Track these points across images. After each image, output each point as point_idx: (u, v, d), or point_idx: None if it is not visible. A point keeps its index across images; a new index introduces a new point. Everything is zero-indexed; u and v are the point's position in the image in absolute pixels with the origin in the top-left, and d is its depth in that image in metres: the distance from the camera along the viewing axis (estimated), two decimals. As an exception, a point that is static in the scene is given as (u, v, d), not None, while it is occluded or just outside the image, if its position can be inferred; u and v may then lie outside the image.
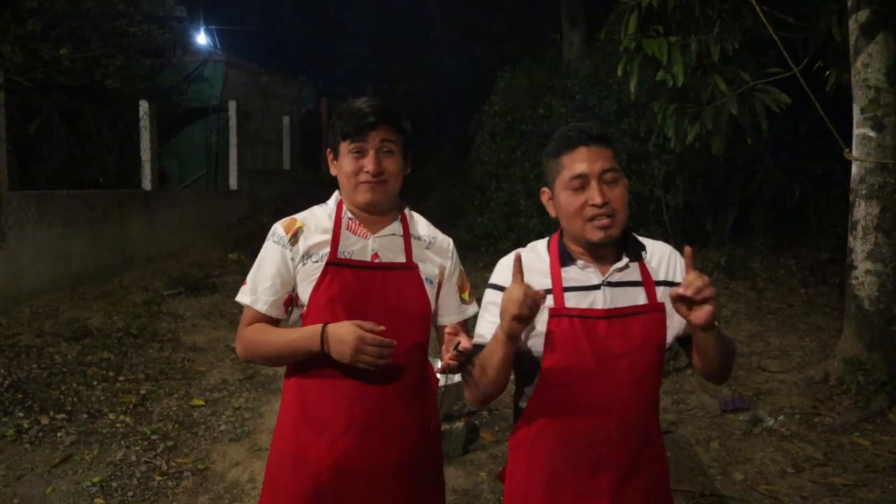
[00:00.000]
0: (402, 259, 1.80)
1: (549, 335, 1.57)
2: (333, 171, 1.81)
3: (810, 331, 5.60)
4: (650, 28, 5.06)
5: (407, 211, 1.89)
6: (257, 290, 1.76)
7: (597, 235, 1.56)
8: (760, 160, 7.25)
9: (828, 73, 4.97)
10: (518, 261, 1.49)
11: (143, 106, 9.24)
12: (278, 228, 1.78)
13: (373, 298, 1.73)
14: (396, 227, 1.83)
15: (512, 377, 1.65)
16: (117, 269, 8.36)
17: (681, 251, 1.60)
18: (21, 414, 4.35)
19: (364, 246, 1.77)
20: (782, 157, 7.25)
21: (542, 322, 1.56)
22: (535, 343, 1.59)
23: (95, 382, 4.98)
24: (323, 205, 1.84)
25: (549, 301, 1.58)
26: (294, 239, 1.75)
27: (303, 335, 1.70)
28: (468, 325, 1.91)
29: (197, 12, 13.38)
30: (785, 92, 4.95)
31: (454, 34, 16.21)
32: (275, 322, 1.79)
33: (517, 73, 9.90)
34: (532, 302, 1.42)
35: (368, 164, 1.71)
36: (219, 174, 12.28)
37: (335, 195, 1.84)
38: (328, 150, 1.82)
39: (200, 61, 12.74)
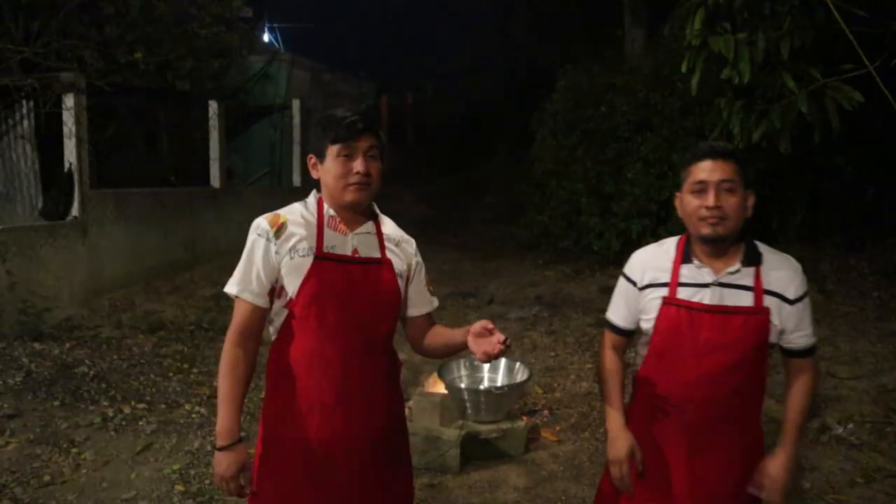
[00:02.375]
0: (377, 255, 1.95)
1: (658, 320, 1.94)
2: (315, 175, 1.94)
3: (883, 336, 5.43)
4: (716, 25, 4.97)
5: (377, 212, 2.04)
6: (243, 281, 1.89)
7: (705, 230, 1.86)
8: (831, 158, 7.03)
9: (906, 70, 4.79)
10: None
11: (213, 106, 9.54)
12: (263, 223, 1.89)
13: (356, 290, 1.88)
14: (370, 226, 1.98)
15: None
16: (187, 263, 8.71)
17: None
18: (106, 403, 4.62)
19: (345, 241, 1.91)
20: (855, 156, 7.02)
21: (655, 308, 1.94)
22: (648, 326, 1.98)
23: (171, 374, 5.23)
24: (303, 202, 1.97)
25: (664, 291, 1.93)
26: (278, 233, 1.87)
27: (222, 416, 1.86)
28: (433, 316, 2.11)
29: (262, 12, 13.70)
30: (858, 90, 4.80)
31: (514, 30, 16.16)
32: (263, 311, 1.92)
33: (579, 71, 9.83)
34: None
35: (358, 165, 1.85)
36: (282, 171, 12.58)
37: (313, 194, 1.98)
38: (309, 155, 1.95)
39: (266, 61, 13.03)
